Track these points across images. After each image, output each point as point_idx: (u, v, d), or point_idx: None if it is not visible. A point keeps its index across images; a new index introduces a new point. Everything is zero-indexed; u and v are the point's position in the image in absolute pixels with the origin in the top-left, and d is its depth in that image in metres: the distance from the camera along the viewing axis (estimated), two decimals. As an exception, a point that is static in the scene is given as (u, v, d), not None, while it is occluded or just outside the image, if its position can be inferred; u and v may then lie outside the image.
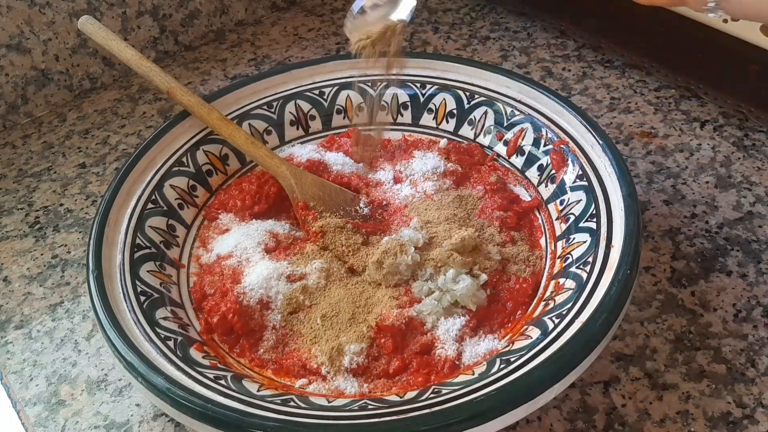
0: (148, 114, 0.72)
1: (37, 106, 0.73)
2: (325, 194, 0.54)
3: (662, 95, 0.68)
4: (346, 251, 0.50)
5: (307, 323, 0.46)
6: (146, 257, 0.49)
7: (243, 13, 0.84)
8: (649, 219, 0.56)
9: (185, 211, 0.54)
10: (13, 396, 0.48)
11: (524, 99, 0.57)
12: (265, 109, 0.60)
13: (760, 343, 0.47)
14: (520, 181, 0.56)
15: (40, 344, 0.51)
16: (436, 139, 0.60)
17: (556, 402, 0.44)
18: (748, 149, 0.61)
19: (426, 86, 0.61)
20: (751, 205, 0.56)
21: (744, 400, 0.44)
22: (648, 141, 0.63)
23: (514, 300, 0.47)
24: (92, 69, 0.75)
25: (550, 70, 0.72)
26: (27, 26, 0.69)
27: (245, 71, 0.76)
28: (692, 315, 0.49)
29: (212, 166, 0.57)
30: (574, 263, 0.47)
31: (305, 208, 0.53)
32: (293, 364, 0.45)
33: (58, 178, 0.65)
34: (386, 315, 0.46)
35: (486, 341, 0.45)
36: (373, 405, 0.40)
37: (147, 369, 0.40)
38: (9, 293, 0.55)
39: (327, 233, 0.51)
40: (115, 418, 0.46)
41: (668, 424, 0.43)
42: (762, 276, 0.51)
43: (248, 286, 0.47)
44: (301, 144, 0.60)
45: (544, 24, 0.79)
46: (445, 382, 0.42)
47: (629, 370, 0.46)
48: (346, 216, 0.53)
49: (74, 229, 0.60)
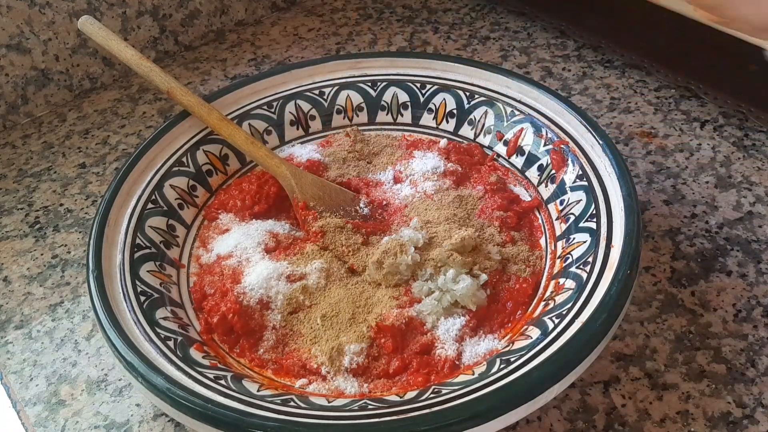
0: (148, 114, 0.72)
1: (37, 106, 0.73)
2: (325, 194, 0.54)
3: (662, 95, 0.68)
4: (346, 251, 0.50)
5: (307, 323, 0.46)
6: (146, 257, 0.49)
7: (243, 13, 0.84)
8: (649, 219, 0.56)
9: (185, 211, 0.54)
10: (13, 396, 0.48)
11: (524, 99, 0.57)
12: (265, 109, 0.60)
13: (760, 343, 0.47)
14: (520, 181, 0.56)
15: (40, 344, 0.51)
16: (436, 139, 0.60)
17: (556, 402, 0.44)
18: (748, 149, 0.61)
19: (426, 86, 0.61)
20: (751, 205, 0.56)
21: (744, 400, 0.44)
22: (648, 141, 0.63)
23: (514, 300, 0.47)
24: (92, 69, 0.75)
25: (550, 70, 0.72)
26: (27, 26, 0.69)
27: (245, 71, 0.76)
28: (692, 315, 0.49)
29: (212, 166, 0.57)
30: (574, 263, 0.47)
31: (305, 208, 0.53)
32: (293, 364, 0.45)
33: (58, 178, 0.65)
34: (386, 315, 0.46)
35: (486, 341, 0.45)
36: (373, 405, 0.40)
37: (147, 369, 0.40)
38: (9, 293, 0.55)
39: (327, 233, 0.51)
40: (115, 418, 0.46)
41: (668, 424, 0.43)
42: (762, 276, 0.51)
43: (248, 286, 0.47)
44: (301, 144, 0.60)
45: (544, 24, 0.79)
46: (445, 382, 0.42)
47: (629, 370, 0.46)
48: (346, 216, 0.53)
49: (74, 229, 0.60)
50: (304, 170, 0.55)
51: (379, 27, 0.81)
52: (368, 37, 0.80)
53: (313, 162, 0.56)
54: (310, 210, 0.52)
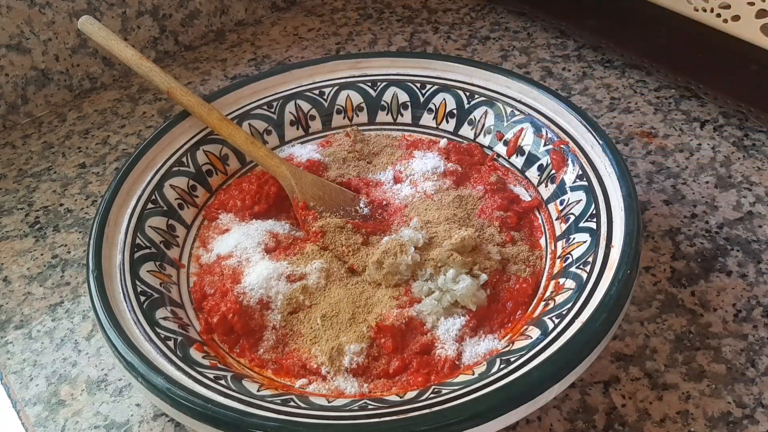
0: (148, 114, 0.72)
1: (37, 106, 0.73)
2: (325, 194, 0.54)
3: (662, 95, 0.68)
4: (346, 251, 0.50)
5: (307, 323, 0.46)
6: (146, 257, 0.49)
7: (243, 13, 0.84)
8: (649, 219, 0.56)
9: (185, 211, 0.54)
10: (13, 396, 0.48)
11: (524, 99, 0.57)
12: (265, 109, 0.60)
13: (760, 343, 0.47)
14: (520, 181, 0.56)
15: (40, 344, 0.51)
16: (436, 139, 0.60)
17: (556, 402, 0.44)
18: (748, 149, 0.61)
19: (426, 86, 0.61)
20: (751, 205, 0.56)
21: (744, 400, 0.44)
22: (648, 141, 0.63)
23: (514, 300, 0.47)
24: (92, 69, 0.75)
25: (550, 70, 0.72)
26: (27, 26, 0.69)
27: (245, 71, 0.76)
28: (692, 315, 0.49)
29: (212, 166, 0.57)
30: (574, 263, 0.47)
31: (305, 208, 0.53)
32: (293, 364, 0.45)
33: (58, 178, 0.65)
34: (386, 315, 0.46)
35: (486, 341, 0.45)
36: (373, 405, 0.40)
37: (147, 369, 0.40)
38: (9, 293, 0.55)
39: (327, 233, 0.51)
40: (115, 418, 0.46)
41: (668, 424, 0.43)
42: (762, 276, 0.51)
43: (248, 286, 0.47)
44: (301, 144, 0.60)
45: (544, 24, 0.79)
46: (445, 382, 0.42)
47: (629, 370, 0.46)
48: (346, 216, 0.53)
49: (74, 229, 0.60)
50: (304, 170, 0.55)
51: (379, 27, 0.81)
52: (368, 37, 0.80)
53: (313, 162, 0.56)
54: (310, 210, 0.52)
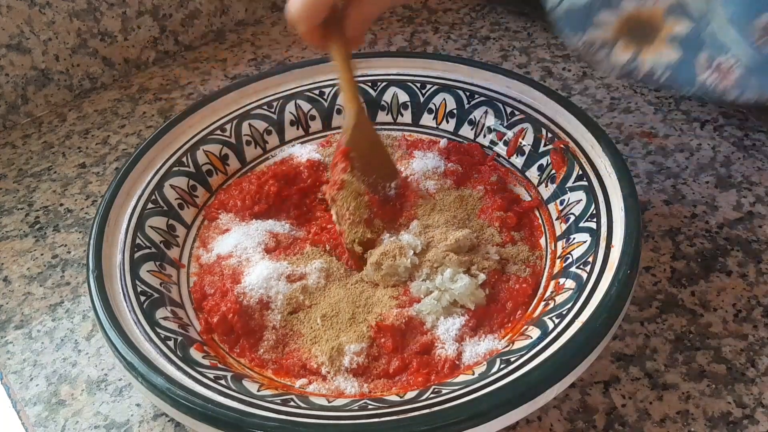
0: (148, 114, 0.72)
1: (37, 106, 0.73)
2: (372, 156, 0.52)
3: (662, 95, 0.68)
4: (347, 216, 0.50)
5: (307, 323, 0.46)
6: (146, 257, 0.49)
7: (243, 13, 0.84)
8: (649, 219, 0.56)
9: (185, 211, 0.54)
10: (13, 396, 0.48)
11: (524, 99, 0.57)
12: (265, 109, 0.60)
13: (760, 343, 0.47)
14: (520, 181, 0.56)
15: (40, 344, 0.51)
16: (436, 139, 0.60)
17: (556, 402, 0.44)
18: (748, 149, 0.61)
19: (426, 86, 0.61)
20: (751, 205, 0.56)
21: (744, 400, 0.44)
22: (648, 141, 0.63)
23: (514, 300, 0.47)
24: (92, 69, 0.75)
25: (550, 70, 0.72)
26: (27, 26, 0.69)
27: (245, 71, 0.76)
28: (692, 315, 0.49)
29: (212, 166, 0.57)
30: (574, 263, 0.47)
31: (344, 155, 0.51)
32: (293, 364, 0.45)
33: (58, 178, 0.65)
34: (386, 315, 0.46)
35: (486, 341, 0.45)
36: (373, 405, 0.40)
37: (147, 369, 0.40)
38: (9, 293, 0.55)
39: (344, 190, 0.50)
40: (115, 418, 0.46)
41: (668, 424, 0.43)
42: (762, 276, 0.51)
43: (248, 286, 0.47)
44: (301, 144, 0.60)
45: (544, 24, 0.79)
46: (445, 382, 0.42)
47: (629, 370, 0.46)
48: (373, 186, 0.52)
49: (74, 229, 0.60)
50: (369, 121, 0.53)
51: (379, 27, 0.81)
52: (368, 37, 0.80)
53: (313, 162, 0.56)
54: (347, 159, 0.51)
